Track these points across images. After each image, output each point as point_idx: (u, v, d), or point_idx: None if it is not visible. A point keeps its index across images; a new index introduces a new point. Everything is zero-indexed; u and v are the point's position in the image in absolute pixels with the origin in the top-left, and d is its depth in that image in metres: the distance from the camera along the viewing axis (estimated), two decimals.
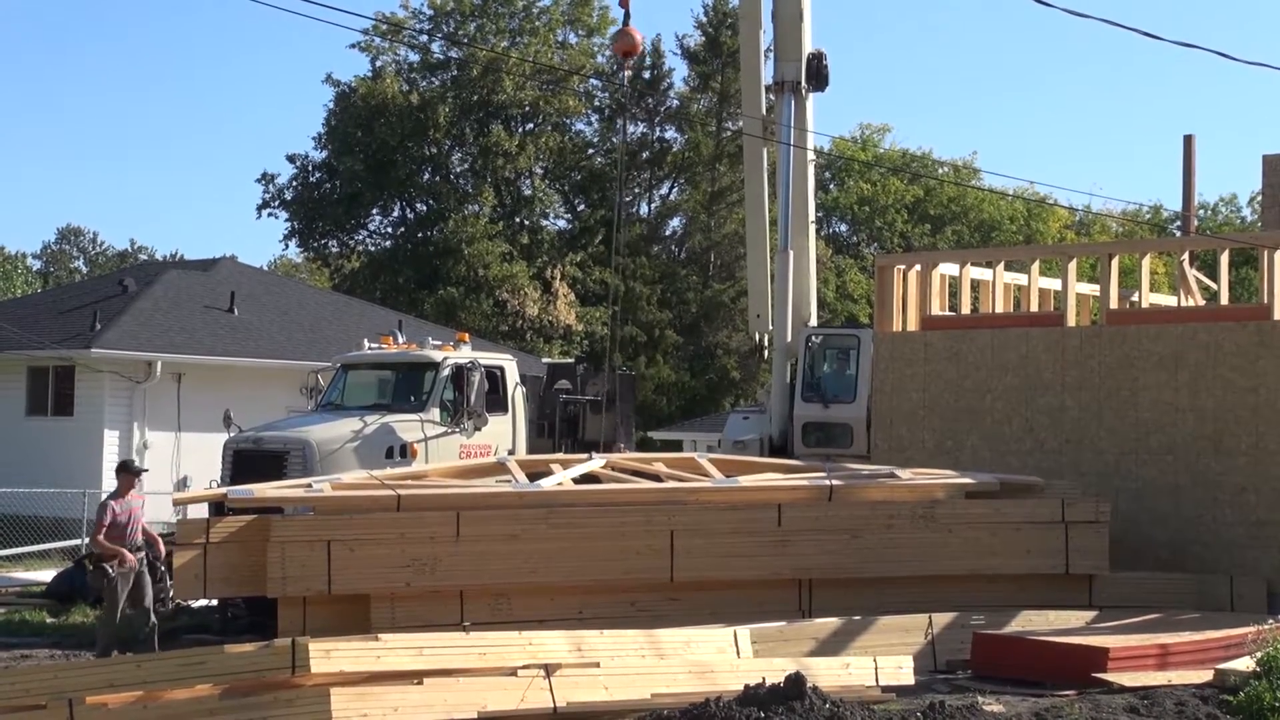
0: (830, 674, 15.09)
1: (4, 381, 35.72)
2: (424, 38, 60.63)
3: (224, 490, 18.77)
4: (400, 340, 25.16)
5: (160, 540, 18.50)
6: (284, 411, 27.62)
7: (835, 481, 19.55)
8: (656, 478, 20.04)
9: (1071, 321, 23.29)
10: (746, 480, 19.26)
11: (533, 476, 19.45)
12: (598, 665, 14.09)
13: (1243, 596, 20.49)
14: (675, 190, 64.60)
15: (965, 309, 25.31)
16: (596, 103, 63.56)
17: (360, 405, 23.20)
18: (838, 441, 24.90)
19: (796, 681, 12.95)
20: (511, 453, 20.93)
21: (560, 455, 20.82)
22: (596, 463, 19.86)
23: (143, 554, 17.92)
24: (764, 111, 29.27)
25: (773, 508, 18.92)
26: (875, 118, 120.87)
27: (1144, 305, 24.39)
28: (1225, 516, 21.39)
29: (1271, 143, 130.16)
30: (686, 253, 63.61)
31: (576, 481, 19.42)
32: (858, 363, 25.90)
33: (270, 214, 63.43)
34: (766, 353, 28.98)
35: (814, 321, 28.52)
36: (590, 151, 64.28)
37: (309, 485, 18.22)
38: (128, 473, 18.27)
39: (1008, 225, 69.98)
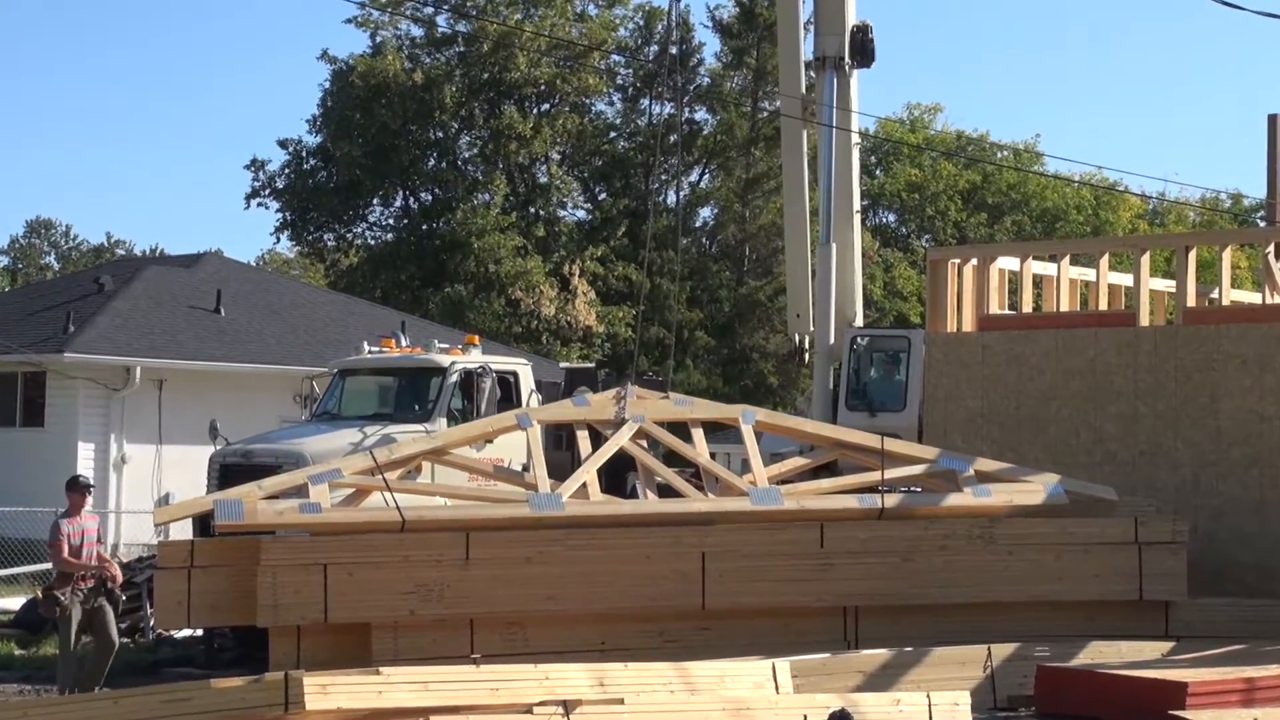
0: (879, 711, 15.07)
1: None
2: (428, 10, 60.81)
3: (210, 498, 18.72)
4: (403, 343, 25.17)
5: (115, 564, 18.53)
6: (276, 422, 27.70)
7: (886, 502, 19.47)
8: (696, 476, 20.00)
9: (1145, 321, 23.22)
10: (790, 501, 19.17)
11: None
12: (622, 702, 14.08)
13: None
14: (706, 177, 64.61)
15: (1027, 307, 25.25)
16: (619, 80, 63.61)
17: (359, 415, 23.22)
18: None
19: (842, 719, 12.93)
20: (526, 468, 20.87)
21: (586, 410, 20.31)
22: (626, 433, 19.64)
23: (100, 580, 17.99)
24: (804, 90, 29.28)
25: (815, 527, 18.87)
26: (925, 96, 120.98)
27: (1225, 303, 24.32)
28: None
29: None
30: (719, 246, 63.60)
31: (602, 475, 19.28)
32: (908, 367, 25.88)
33: (260, 204, 63.63)
34: (807, 356, 28.96)
35: (859, 321, 28.50)
36: (613, 135, 64.31)
37: (305, 484, 18.17)
38: (76, 490, 18.30)
39: (1074, 215, 69.85)
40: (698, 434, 20.15)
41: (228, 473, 21.80)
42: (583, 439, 19.77)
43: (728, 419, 21.47)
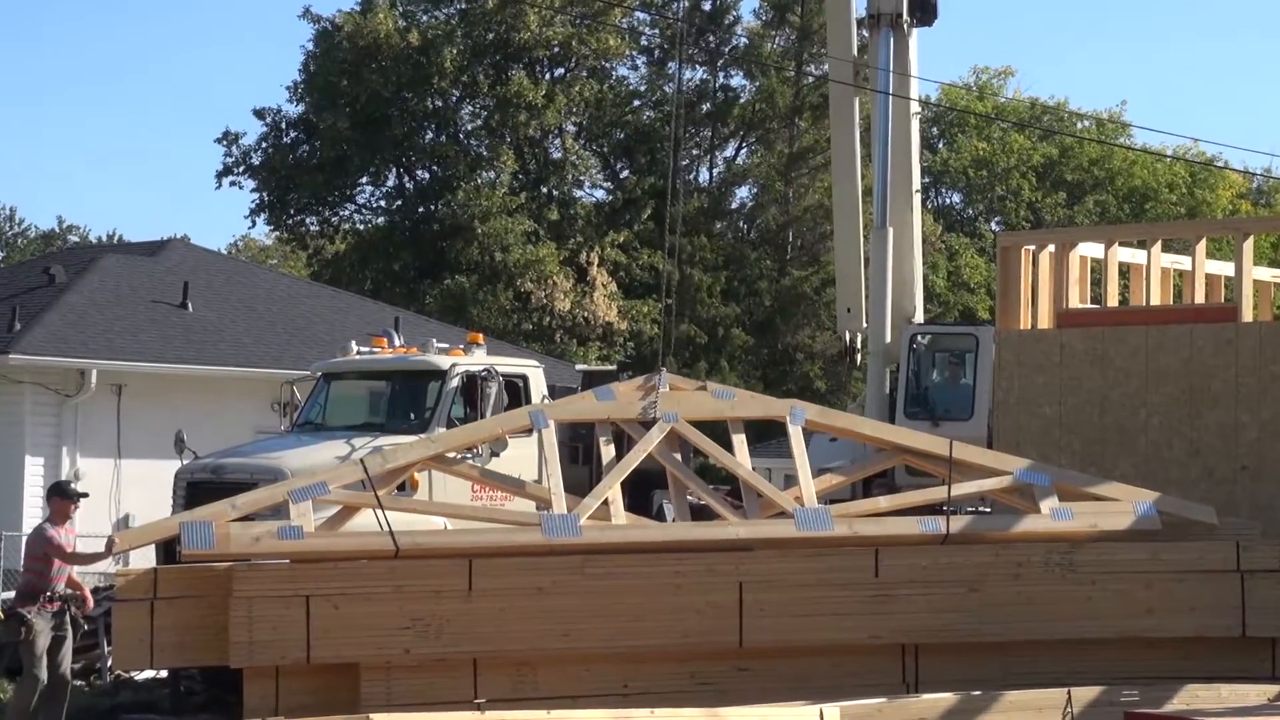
0: None
1: None
2: None
3: (176, 520, 18.74)
4: (396, 343, 25.22)
5: (87, 590, 18.57)
6: (251, 433, 27.72)
7: (952, 525, 19.40)
8: (733, 493, 19.92)
9: (1248, 316, 23.16)
10: (840, 524, 19.09)
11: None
12: None
13: None
14: (744, 152, 64.63)
15: (1111, 300, 25.20)
16: (643, 42, 63.63)
17: (347, 425, 23.27)
18: None
19: None
20: (539, 483, 20.84)
21: (610, 406, 20.01)
22: (656, 435, 19.52)
23: (65, 605, 18.07)
24: (855, 52, 29.24)
25: (869, 553, 18.83)
26: (995, 59, 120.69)
27: None
28: None
29: None
30: (758, 231, 63.64)
31: (625, 491, 19.23)
32: (975, 369, 25.87)
33: (233, 183, 63.84)
34: (859, 357, 28.96)
35: (919, 317, 28.48)
36: (636, 104, 64.31)
37: (285, 502, 18.18)
38: (63, 497, 18.37)
39: (1166, 194, 69.78)
40: (739, 439, 19.96)
41: (196, 491, 21.86)
42: (603, 448, 19.71)
43: (774, 416, 21.25)
